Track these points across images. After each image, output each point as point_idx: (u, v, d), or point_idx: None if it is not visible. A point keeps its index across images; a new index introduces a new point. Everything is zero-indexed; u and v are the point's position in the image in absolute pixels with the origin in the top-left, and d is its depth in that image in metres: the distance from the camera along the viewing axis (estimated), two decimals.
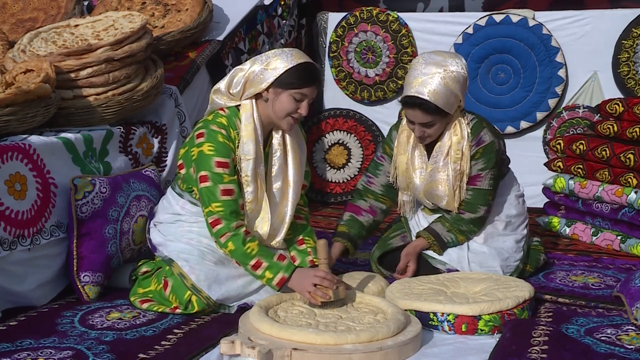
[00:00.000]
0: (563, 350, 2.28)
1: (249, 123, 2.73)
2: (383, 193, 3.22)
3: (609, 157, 3.65)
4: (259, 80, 2.70)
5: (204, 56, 4.11)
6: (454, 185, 2.99)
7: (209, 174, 2.66)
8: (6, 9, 4.28)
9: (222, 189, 2.66)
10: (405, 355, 2.34)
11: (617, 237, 3.68)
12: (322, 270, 2.60)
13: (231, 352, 2.27)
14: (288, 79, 2.67)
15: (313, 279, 2.56)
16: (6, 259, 2.68)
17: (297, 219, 2.95)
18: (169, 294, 2.75)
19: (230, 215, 2.65)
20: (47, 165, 2.89)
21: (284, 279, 2.61)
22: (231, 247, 2.64)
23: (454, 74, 2.87)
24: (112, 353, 2.35)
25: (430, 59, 2.91)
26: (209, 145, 2.68)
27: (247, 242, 2.64)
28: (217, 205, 2.65)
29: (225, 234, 2.64)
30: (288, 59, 2.68)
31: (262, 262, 2.63)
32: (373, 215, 3.20)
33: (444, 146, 3.00)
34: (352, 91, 5.14)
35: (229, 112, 2.76)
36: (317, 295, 2.54)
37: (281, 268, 2.62)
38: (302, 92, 2.69)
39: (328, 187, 5.02)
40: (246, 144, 2.72)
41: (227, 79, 2.77)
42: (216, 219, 2.65)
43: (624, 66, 4.49)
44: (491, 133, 3.01)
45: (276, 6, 4.79)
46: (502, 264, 3.06)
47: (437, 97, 2.84)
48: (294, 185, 2.85)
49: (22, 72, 3.12)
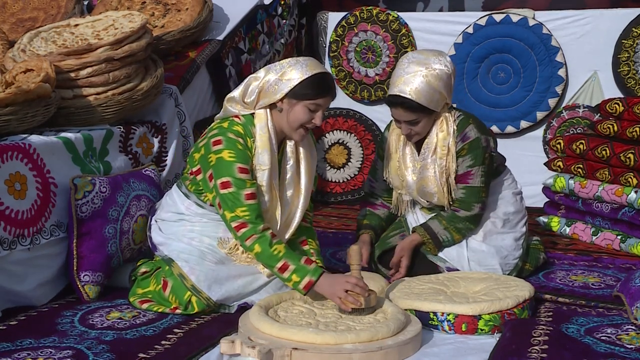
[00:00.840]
0: (563, 350, 2.28)
1: (263, 133, 2.71)
2: (386, 195, 3.28)
3: (609, 157, 3.65)
4: (274, 91, 2.68)
5: (204, 56, 4.11)
6: (441, 181, 3.00)
7: (232, 179, 2.64)
8: (6, 8, 4.28)
9: (246, 193, 2.64)
10: (405, 355, 2.34)
11: (617, 237, 3.68)
12: (354, 276, 2.57)
13: (231, 351, 2.27)
14: (303, 90, 2.65)
15: (345, 285, 2.52)
16: (6, 258, 2.68)
17: (302, 221, 2.94)
18: (169, 295, 2.75)
19: (256, 218, 2.63)
20: (47, 165, 2.89)
21: (311, 282, 2.57)
22: (257, 249, 2.62)
23: (437, 71, 2.90)
24: (112, 353, 2.34)
25: (414, 58, 2.95)
26: (229, 152, 2.66)
27: (274, 245, 2.61)
28: (242, 209, 2.63)
29: (252, 236, 2.62)
30: (303, 69, 2.66)
31: (289, 264, 2.59)
32: (387, 209, 3.29)
33: (431, 143, 3.02)
34: (352, 91, 5.15)
35: (245, 121, 2.74)
36: (349, 301, 2.51)
37: (308, 272, 2.58)
38: (316, 103, 2.68)
39: (328, 187, 5.02)
40: (262, 154, 2.70)
41: (242, 88, 2.75)
42: (241, 223, 2.63)
43: (624, 66, 4.49)
44: (477, 129, 3.02)
45: (276, 6, 4.79)
46: (501, 262, 3.06)
47: (420, 95, 2.87)
48: (305, 193, 2.84)
49: (22, 72, 3.12)
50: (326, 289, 2.56)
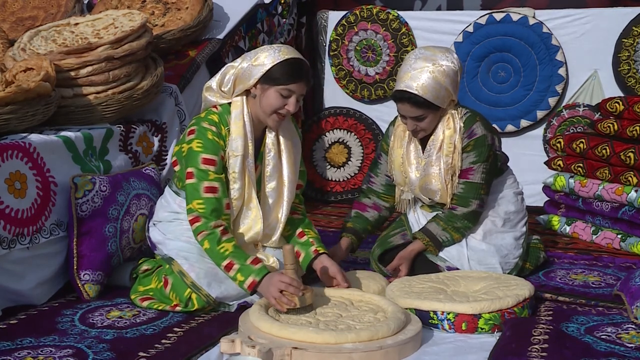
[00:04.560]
0: (563, 349, 2.28)
1: (238, 120, 2.73)
2: (384, 192, 3.25)
3: (609, 156, 3.65)
4: (247, 77, 2.69)
5: (204, 55, 4.10)
6: (446, 179, 3.00)
7: (195, 170, 2.67)
8: (6, 7, 4.27)
9: (206, 186, 2.65)
10: (406, 354, 2.34)
11: (617, 236, 3.68)
12: (287, 276, 2.54)
13: (231, 350, 2.27)
14: (274, 75, 2.66)
15: (278, 285, 2.51)
16: (5, 257, 2.68)
17: (294, 214, 2.95)
18: (169, 292, 2.75)
19: (210, 213, 2.64)
20: (47, 164, 2.89)
21: (254, 282, 2.57)
22: (206, 245, 2.63)
23: (444, 67, 2.90)
24: (112, 352, 2.35)
25: (421, 54, 2.95)
26: (197, 141, 2.68)
27: (222, 242, 2.61)
28: (198, 202, 2.65)
29: (202, 232, 2.63)
30: (275, 54, 2.67)
31: (235, 263, 2.59)
32: (378, 211, 3.25)
33: (437, 140, 3.02)
34: (352, 90, 5.14)
35: (221, 110, 2.76)
36: (282, 301, 2.49)
37: (252, 272, 2.57)
38: (288, 88, 2.67)
39: (328, 186, 5.02)
40: (234, 140, 2.71)
41: (219, 76, 2.77)
42: (196, 217, 2.65)
43: (624, 65, 4.49)
44: (483, 127, 3.02)
45: (276, 5, 4.78)
46: (501, 261, 3.06)
47: (426, 91, 2.87)
48: (289, 184, 2.84)
49: (22, 71, 3.12)
50: (264, 290, 2.55)
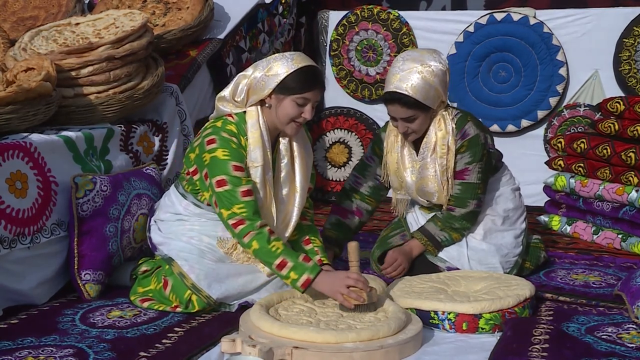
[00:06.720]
0: (564, 349, 2.28)
1: (255, 130, 2.71)
2: (369, 194, 3.25)
3: (609, 156, 3.65)
4: (261, 87, 2.67)
5: (205, 54, 4.11)
6: (442, 180, 3.00)
7: (227, 177, 2.63)
8: (7, 7, 4.27)
9: (242, 190, 2.63)
10: (406, 354, 2.34)
11: (618, 236, 3.68)
12: (354, 272, 2.55)
13: (232, 350, 2.27)
14: (289, 84, 2.64)
15: (346, 281, 2.50)
16: (6, 257, 2.68)
17: (302, 220, 2.94)
18: (169, 293, 2.75)
19: (253, 215, 2.62)
20: (48, 164, 2.89)
21: (309, 280, 2.55)
22: (255, 246, 2.60)
23: (432, 68, 2.90)
24: (113, 351, 2.35)
25: (408, 55, 2.96)
26: (223, 150, 2.65)
27: (272, 241, 2.59)
28: (239, 206, 2.62)
29: (249, 232, 2.60)
30: (288, 63, 2.65)
31: (287, 261, 2.57)
32: (359, 216, 3.25)
33: (430, 142, 3.02)
34: (352, 89, 5.14)
35: (238, 119, 2.73)
36: (351, 297, 2.49)
37: (306, 269, 2.56)
38: (304, 97, 2.66)
39: (329, 186, 5.02)
40: (253, 151, 2.70)
41: (232, 86, 2.74)
42: (239, 220, 2.61)
43: (625, 64, 4.49)
44: (476, 126, 3.02)
45: (277, 4, 4.79)
46: (501, 260, 3.06)
47: (416, 91, 2.88)
48: (301, 190, 2.84)
49: (23, 71, 3.11)
50: (327, 287, 2.54)
